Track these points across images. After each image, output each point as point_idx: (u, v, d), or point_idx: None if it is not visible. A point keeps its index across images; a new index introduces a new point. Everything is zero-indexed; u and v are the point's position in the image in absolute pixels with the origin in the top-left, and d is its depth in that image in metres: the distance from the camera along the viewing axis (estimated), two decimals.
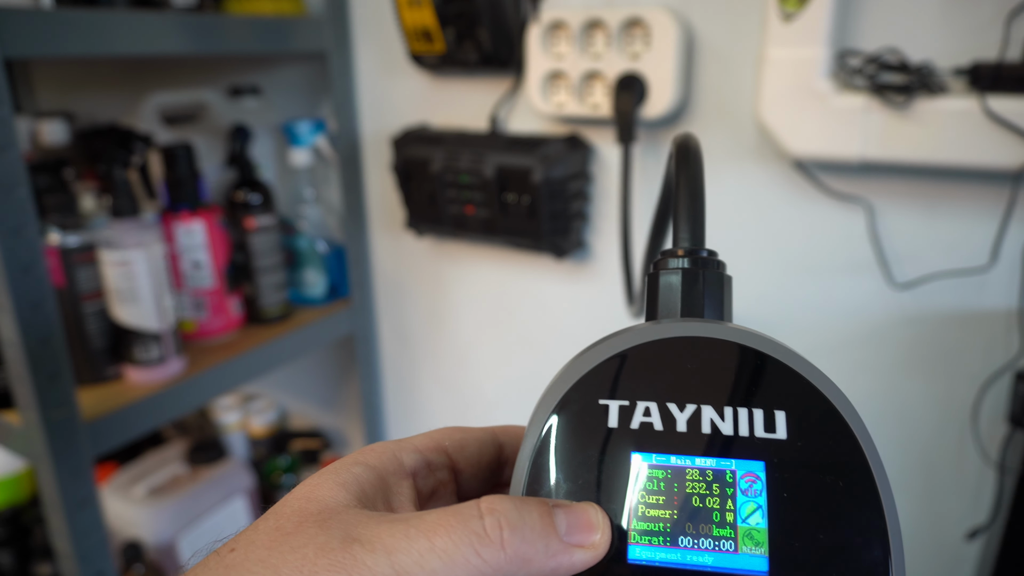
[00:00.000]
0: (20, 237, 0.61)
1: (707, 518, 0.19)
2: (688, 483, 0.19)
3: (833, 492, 0.18)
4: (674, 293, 0.23)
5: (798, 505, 0.18)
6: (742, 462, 0.19)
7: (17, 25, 0.59)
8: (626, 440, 0.20)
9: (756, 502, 0.19)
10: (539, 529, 0.17)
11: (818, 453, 0.19)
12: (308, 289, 1.00)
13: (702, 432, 0.19)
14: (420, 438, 0.22)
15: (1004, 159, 0.58)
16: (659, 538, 0.19)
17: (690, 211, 0.24)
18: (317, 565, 0.16)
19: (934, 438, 0.72)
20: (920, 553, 0.76)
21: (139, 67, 1.14)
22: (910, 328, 0.70)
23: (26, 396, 0.65)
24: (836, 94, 0.63)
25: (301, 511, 0.18)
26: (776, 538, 0.18)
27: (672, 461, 0.19)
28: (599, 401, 0.20)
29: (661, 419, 0.20)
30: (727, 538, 0.18)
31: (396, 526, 0.17)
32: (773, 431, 0.19)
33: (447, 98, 0.90)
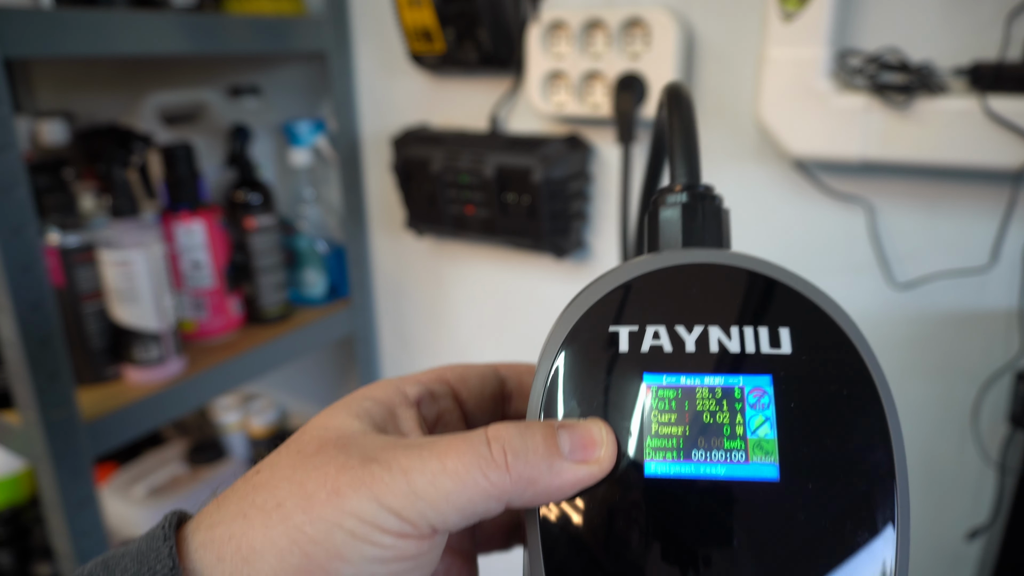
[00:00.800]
0: (20, 237, 0.61)
1: (718, 432, 0.19)
2: (699, 400, 0.20)
3: (837, 401, 0.19)
4: (674, 226, 0.24)
5: (805, 415, 0.19)
6: (749, 377, 0.20)
7: (17, 25, 0.59)
8: (637, 363, 0.20)
9: (764, 415, 0.19)
10: (542, 451, 0.18)
11: (822, 365, 0.20)
12: (308, 289, 1.00)
13: (710, 351, 0.20)
14: (422, 373, 0.23)
15: (1004, 159, 0.58)
16: (673, 453, 0.19)
17: (685, 148, 0.25)
18: (339, 481, 0.17)
19: (934, 438, 0.72)
20: (920, 553, 0.76)
21: (139, 67, 1.14)
22: (910, 328, 0.70)
23: (26, 396, 0.65)
24: (836, 94, 0.63)
25: (320, 438, 0.19)
26: (785, 446, 0.19)
27: (682, 381, 0.20)
28: (609, 329, 0.21)
29: (670, 341, 0.20)
30: (738, 449, 0.19)
31: (411, 450, 0.18)
32: (778, 346, 0.20)
33: (447, 98, 0.90)
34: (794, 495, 0.19)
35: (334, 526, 0.17)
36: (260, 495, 0.18)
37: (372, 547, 0.17)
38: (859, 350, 0.20)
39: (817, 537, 0.18)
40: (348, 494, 0.17)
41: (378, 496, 0.17)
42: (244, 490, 0.18)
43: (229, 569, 0.17)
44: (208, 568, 0.17)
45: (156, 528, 0.18)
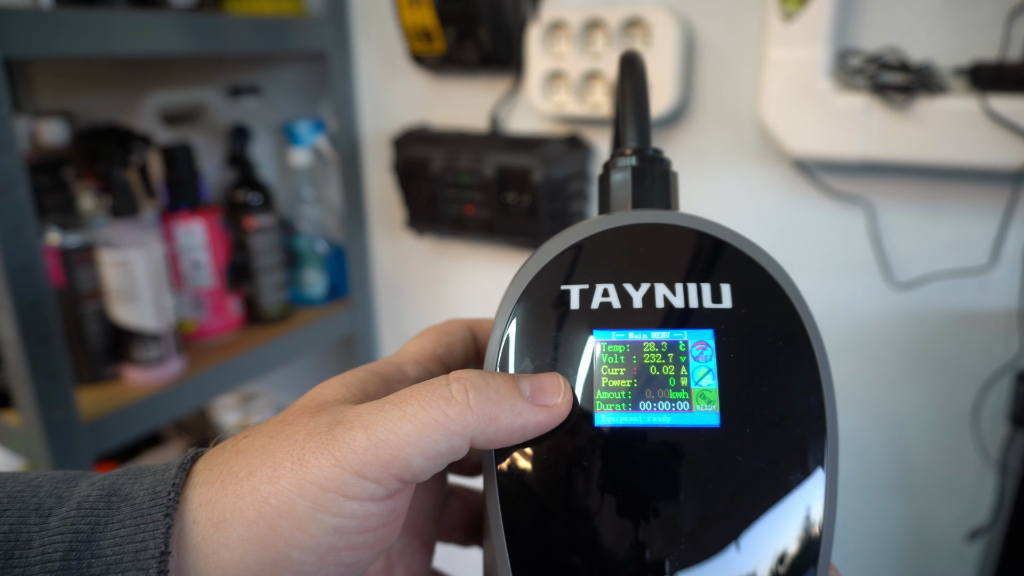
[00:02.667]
0: (19, 237, 0.61)
1: (664, 384, 0.21)
2: (645, 354, 0.21)
3: (774, 352, 0.21)
4: (624, 188, 0.25)
5: (744, 365, 0.21)
6: (693, 332, 0.21)
7: (17, 25, 0.59)
8: (587, 320, 0.21)
9: (707, 366, 0.21)
10: (504, 391, 0.19)
11: (760, 319, 0.21)
12: (308, 289, 1.00)
13: (656, 307, 0.21)
14: (416, 350, 0.24)
15: (1005, 159, 0.58)
16: (622, 404, 0.21)
17: (635, 114, 0.26)
18: (305, 448, 0.18)
19: (934, 438, 0.72)
20: (920, 553, 0.76)
21: (139, 67, 1.14)
22: (910, 328, 0.70)
23: (25, 396, 0.65)
24: (836, 94, 0.63)
25: (303, 406, 0.20)
26: (725, 395, 0.20)
27: (630, 336, 0.21)
28: (560, 287, 0.22)
29: (619, 298, 0.22)
30: (682, 399, 0.20)
31: (374, 405, 0.19)
32: (720, 302, 0.21)
33: (447, 98, 0.90)
34: (734, 440, 0.20)
35: (296, 496, 0.17)
36: (237, 461, 0.18)
37: (333, 517, 0.17)
38: (795, 305, 0.22)
39: (755, 478, 0.20)
40: (311, 462, 0.18)
41: (339, 459, 0.17)
42: (226, 455, 0.19)
43: (202, 533, 0.17)
44: (186, 531, 0.18)
45: (167, 471, 0.18)
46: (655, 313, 0.21)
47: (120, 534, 0.17)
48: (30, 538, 0.17)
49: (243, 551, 0.17)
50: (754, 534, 0.19)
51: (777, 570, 0.19)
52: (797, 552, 0.19)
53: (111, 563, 0.17)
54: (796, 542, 0.19)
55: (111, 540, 0.17)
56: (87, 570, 0.17)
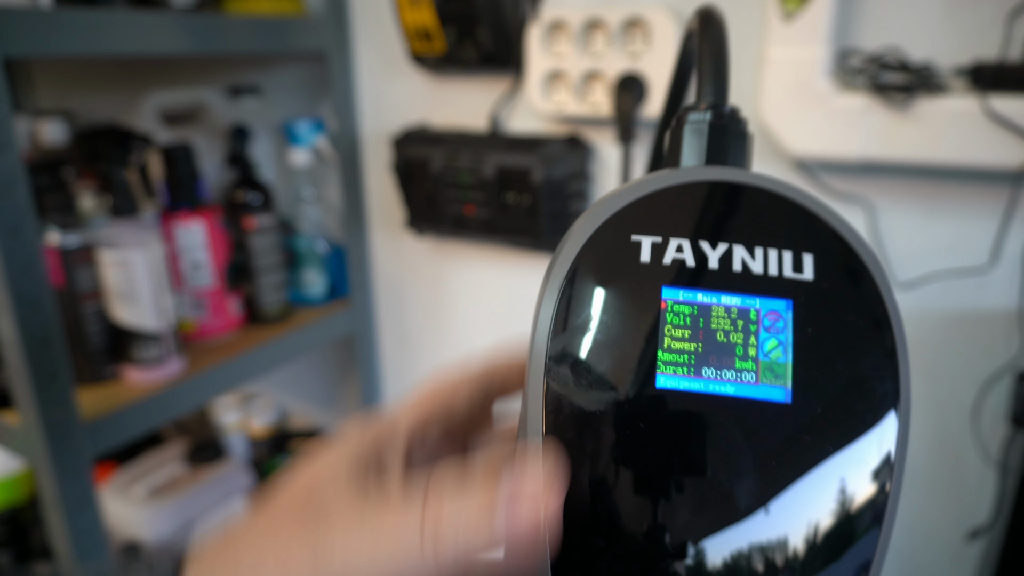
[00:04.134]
0: (19, 237, 0.61)
1: (730, 352, 0.19)
2: (714, 319, 0.20)
3: (853, 331, 0.20)
4: (699, 143, 0.23)
5: (819, 342, 0.19)
6: (767, 300, 0.20)
7: (17, 25, 0.59)
8: (657, 275, 0.20)
9: (778, 338, 0.19)
10: (474, 526, 0.18)
11: (842, 295, 0.20)
12: (308, 289, 1.00)
13: (732, 270, 0.20)
14: (416, 400, 0.23)
15: (1005, 159, 0.58)
16: (684, 368, 0.19)
17: (714, 69, 0.24)
18: (291, 550, 0.18)
19: (934, 438, 0.72)
20: (921, 553, 0.76)
21: (139, 67, 1.14)
22: (910, 328, 0.70)
23: (25, 396, 0.65)
24: (836, 94, 0.63)
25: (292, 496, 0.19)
26: (797, 371, 0.19)
27: (699, 298, 0.20)
28: (631, 237, 0.20)
29: (693, 256, 0.20)
30: (748, 370, 0.19)
31: (355, 520, 0.18)
32: (800, 272, 0.20)
33: (447, 98, 0.90)
34: (801, 418, 0.19)
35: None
36: (227, 559, 0.19)
37: None
38: (879, 287, 0.20)
39: (819, 461, 0.19)
40: (293, 562, 0.18)
41: (316, 565, 0.18)
42: (213, 553, 0.19)
43: None
44: None
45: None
46: (730, 276, 0.20)
47: None
48: None
49: None
50: (806, 521, 0.19)
51: (824, 559, 0.19)
52: (852, 547, 0.19)
53: None
54: (852, 535, 0.19)
55: None
56: None
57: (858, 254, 0.21)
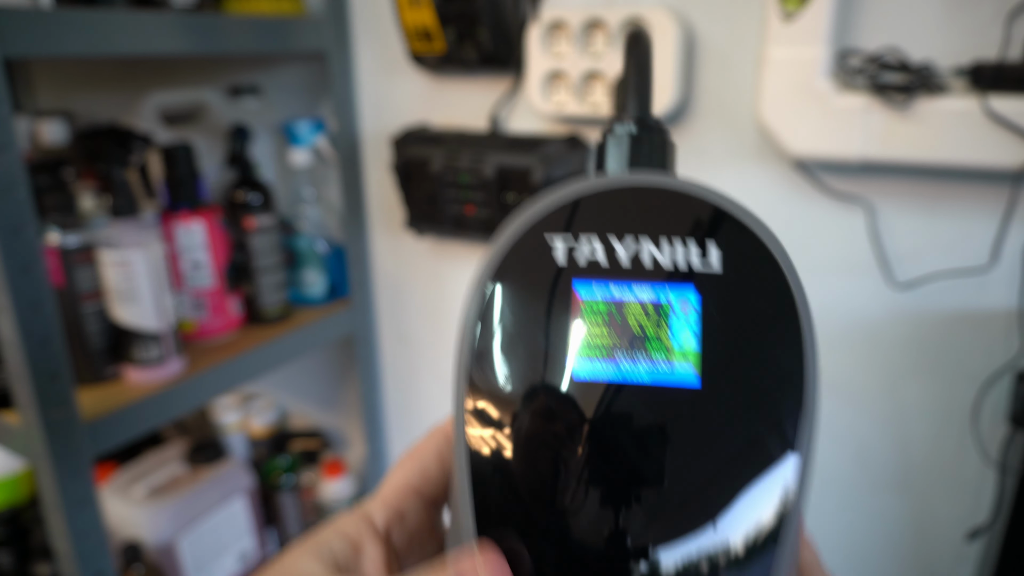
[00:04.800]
0: (19, 237, 0.61)
1: (645, 342, 0.21)
2: (628, 312, 0.21)
3: (760, 319, 0.21)
4: (621, 152, 0.25)
5: (727, 329, 0.21)
6: (678, 292, 0.21)
7: (17, 25, 0.59)
8: (571, 274, 0.21)
9: (690, 328, 0.21)
10: None
11: (748, 284, 0.21)
12: (308, 289, 1.00)
13: (643, 265, 0.21)
14: (390, 489, 0.24)
15: (1004, 159, 0.58)
16: (601, 360, 0.21)
17: (637, 85, 0.26)
18: None
19: (934, 438, 0.72)
20: (920, 553, 0.76)
21: (139, 67, 1.14)
22: (910, 328, 0.70)
23: (26, 396, 0.65)
24: (836, 94, 0.63)
25: None
26: (707, 357, 0.20)
27: (613, 293, 0.21)
28: (546, 241, 0.22)
29: (605, 254, 0.21)
30: (663, 359, 0.20)
31: None
32: (708, 264, 0.21)
33: (447, 98, 0.90)
34: (712, 403, 0.20)
35: None
36: None
37: None
38: (786, 276, 0.21)
39: (730, 442, 0.20)
40: None
41: None
42: None
43: None
44: None
45: None
46: (641, 271, 0.21)
47: None
48: None
49: None
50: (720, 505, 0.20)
51: (738, 542, 0.19)
52: (761, 526, 0.20)
53: None
54: (763, 515, 0.20)
55: None
56: None
57: (764, 244, 0.22)
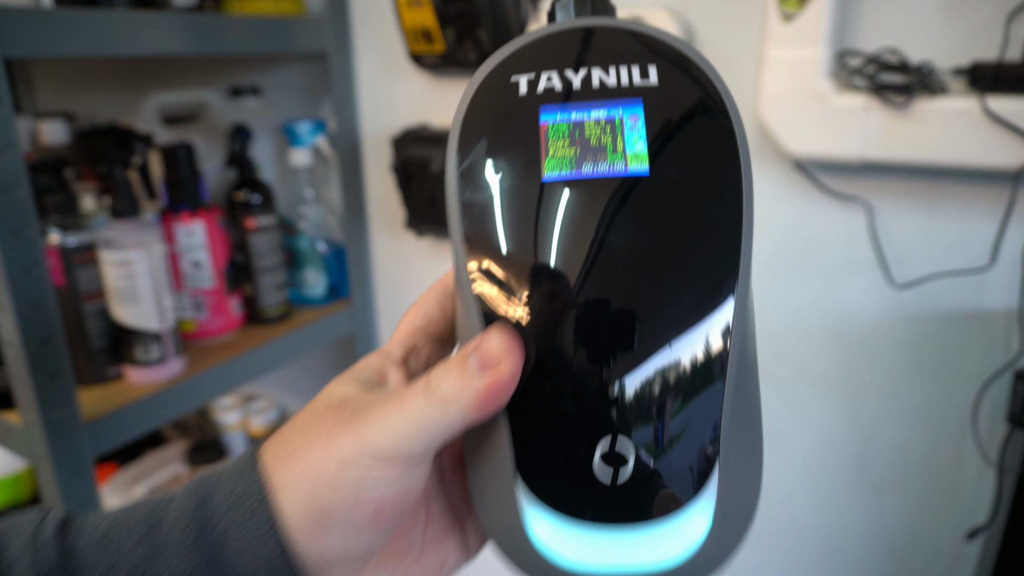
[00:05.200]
0: (20, 237, 0.61)
1: (603, 150, 0.24)
2: (586, 128, 0.24)
3: (696, 117, 0.24)
4: (569, 13, 0.28)
5: (670, 128, 0.24)
6: (628, 108, 0.24)
7: (17, 25, 0.59)
8: (534, 102, 0.25)
9: (639, 135, 0.24)
10: (460, 379, 0.23)
11: (682, 92, 0.25)
12: (308, 289, 1.00)
13: (593, 87, 0.25)
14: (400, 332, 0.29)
15: (1004, 159, 0.58)
16: (567, 167, 0.24)
17: None
18: (333, 432, 0.23)
19: (933, 438, 0.72)
20: (920, 553, 0.76)
21: (139, 67, 1.14)
22: (910, 328, 0.70)
23: (26, 396, 0.65)
24: (836, 94, 0.63)
25: (325, 402, 0.25)
26: (654, 154, 0.24)
27: (572, 116, 0.24)
28: (510, 79, 0.25)
29: (561, 82, 0.25)
30: (619, 161, 0.24)
31: (382, 404, 0.24)
32: (647, 79, 0.25)
33: (447, 98, 0.90)
34: (661, 183, 0.23)
35: (325, 462, 0.23)
36: (283, 445, 0.24)
37: (355, 474, 0.23)
38: (713, 80, 0.25)
39: (681, 214, 0.24)
40: (337, 438, 0.23)
41: (358, 436, 0.23)
42: (273, 442, 0.25)
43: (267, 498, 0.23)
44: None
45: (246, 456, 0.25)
46: (591, 92, 0.25)
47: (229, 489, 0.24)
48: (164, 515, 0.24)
49: (295, 506, 0.23)
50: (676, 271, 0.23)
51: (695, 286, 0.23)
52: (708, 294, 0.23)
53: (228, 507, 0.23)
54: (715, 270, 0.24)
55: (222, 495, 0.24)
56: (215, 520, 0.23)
57: (693, 60, 0.25)
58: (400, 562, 0.27)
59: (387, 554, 0.27)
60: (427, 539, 0.28)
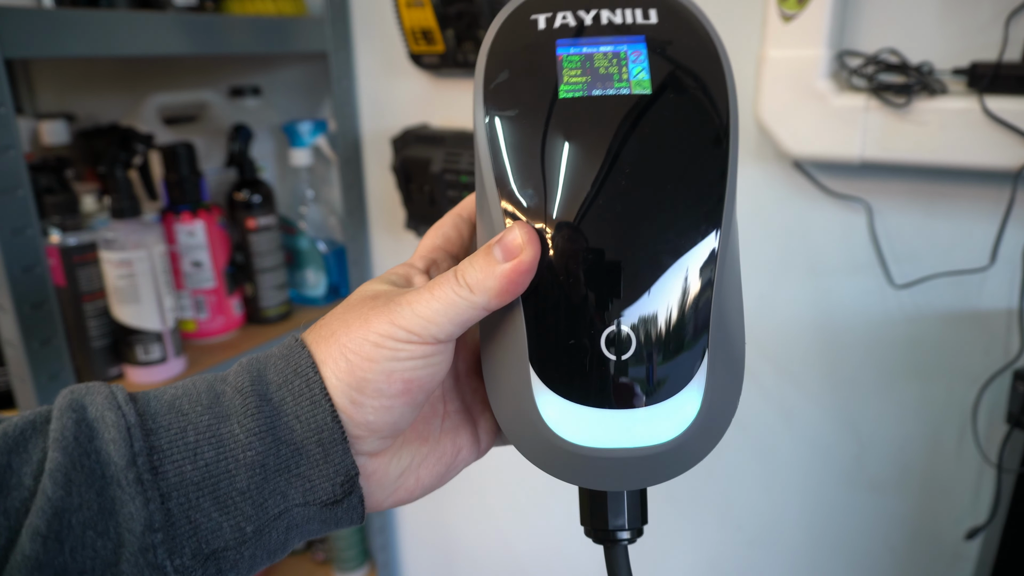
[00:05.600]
0: (21, 237, 0.61)
1: (610, 78, 0.27)
2: (596, 59, 0.28)
3: (690, 49, 0.28)
4: None
5: (668, 60, 0.28)
6: (632, 45, 0.28)
7: (17, 25, 0.59)
8: (551, 36, 0.28)
9: (642, 66, 0.27)
10: (485, 268, 0.26)
11: (679, 31, 0.28)
12: (308, 289, 1.00)
13: (601, 24, 0.28)
14: (421, 249, 0.32)
15: (1003, 159, 0.58)
16: (579, 90, 0.27)
17: None
18: (369, 315, 0.27)
19: (934, 438, 0.72)
20: (920, 552, 0.76)
21: (140, 67, 1.14)
22: (909, 328, 0.70)
23: (27, 396, 0.65)
24: (836, 94, 0.63)
25: (361, 294, 0.29)
26: (654, 78, 0.27)
27: (584, 49, 0.28)
28: (530, 17, 0.29)
29: (574, 20, 0.29)
30: (624, 88, 0.27)
31: (413, 291, 0.27)
32: (648, 19, 0.28)
33: (447, 98, 0.90)
34: (662, 102, 0.27)
35: (363, 340, 0.26)
36: (323, 330, 0.28)
37: (389, 351, 0.26)
38: (702, 21, 0.28)
39: (677, 131, 0.27)
40: (373, 320, 0.26)
41: (392, 320, 0.26)
42: (314, 329, 0.28)
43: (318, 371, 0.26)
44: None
45: (289, 341, 0.28)
46: (601, 29, 0.28)
47: (280, 368, 0.27)
48: (223, 389, 0.26)
49: (337, 378, 0.26)
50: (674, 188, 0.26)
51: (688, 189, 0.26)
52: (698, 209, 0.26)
53: (283, 381, 0.26)
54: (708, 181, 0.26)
55: (275, 372, 0.27)
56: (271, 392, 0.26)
57: (687, 7, 0.29)
58: (421, 446, 0.30)
59: (410, 437, 0.30)
60: (443, 430, 0.32)
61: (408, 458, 0.30)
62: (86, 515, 0.23)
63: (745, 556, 0.87)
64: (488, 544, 1.11)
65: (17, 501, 0.22)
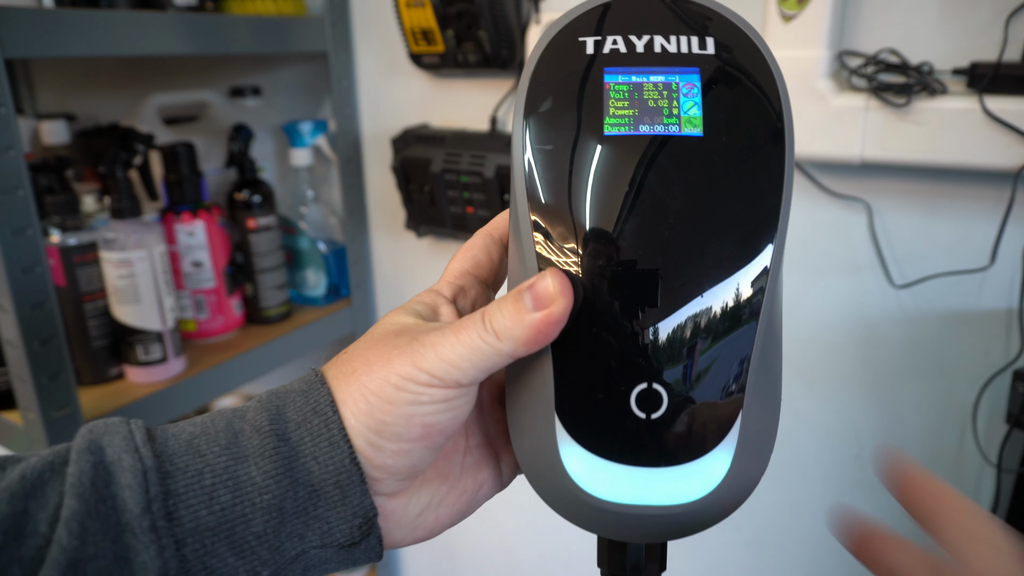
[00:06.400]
0: (22, 237, 0.61)
1: (659, 112, 0.26)
2: (645, 91, 0.26)
3: (746, 89, 0.26)
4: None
5: (722, 98, 0.26)
6: (684, 76, 0.26)
7: (18, 25, 0.59)
8: (600, 63, 0.27)
9: (694, 101, 0.26)
10: (515, 315, 0.25)
11: (735, 64, 0.26)
12: (308, 289, 1.00)
13: (655, 52, 0.27)
14: (448, 274, 0.31)
15: (1003, 159, 0.58)
16: (625, 126, 0.26)
17: None
18: (391, 354, 0.26)
19: (934, 438, 0.72)
20: None
21: (140, 67, 1.14)
22: (909, 328, 0.70)
23: (27, 396, 0.65)
24: (836, 94, 0.63)
25: (385, 328, 0.28)
26: (707, 119, 0.25)
27: (633, 78, 0.26)
28: (578, 39, 0.27)
29: (625, 46, 0.27)
30: (674, 124, 0.25)
31: (438, 331, 0.26)
32: (704, 49, 0.26)
33: (447, 98, 0.90)
34: (713, 145, 0.25)
35: (384, 382, 0.25)
36: (344, 366, 0.27)
37: (410, 394, 0.25)
38: (763, 54, 0.27)
39: (727, 176, 0.25)
40: (395, 361, 0.25)
41: (414, 362, 0.25)
42: (335, 363, 0.28)
43: (338, 411, 0.26)
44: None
45: (309, 375, 0.27)
46: (653, 57, 0.26)
47: (299, 405, 0.26)
48: (242, 427, 0.25)
49: (356, 419, 0.25)
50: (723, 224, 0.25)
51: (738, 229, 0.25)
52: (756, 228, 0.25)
53: (302, 420, 0.26)
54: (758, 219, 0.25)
55: (294, 409, 0.26)
56: (289, 431, 0.25)
57: (747, 34, 0.27)
58: (441, 484, 0.29)
59: (430, 475, 0.29)
60: (464, 467, 0.31)
61: (428, 497, 0.29)
62: (101, 564, 0.22)
63: (745, 556, 0.87)
64: (489, 545, 1.11)
65: (32, 550, 0.22)
